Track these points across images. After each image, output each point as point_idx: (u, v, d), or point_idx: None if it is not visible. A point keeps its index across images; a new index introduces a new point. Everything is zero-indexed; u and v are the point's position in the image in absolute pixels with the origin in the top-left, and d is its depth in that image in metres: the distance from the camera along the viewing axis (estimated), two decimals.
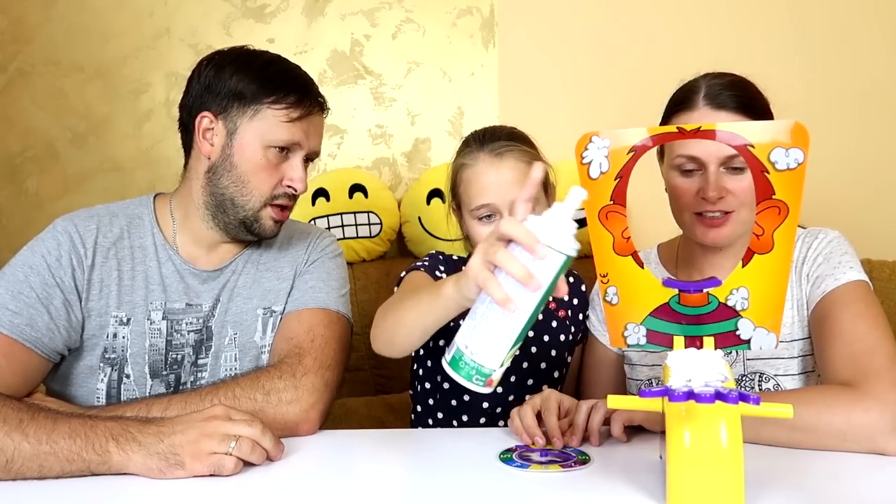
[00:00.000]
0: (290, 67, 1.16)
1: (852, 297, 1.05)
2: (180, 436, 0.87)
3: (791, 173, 0.74)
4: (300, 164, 1.14)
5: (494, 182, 1.18)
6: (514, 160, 1.20)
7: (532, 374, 1.26)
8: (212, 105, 1.12)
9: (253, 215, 1.13)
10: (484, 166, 1.20)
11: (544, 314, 1.27)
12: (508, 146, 1.21)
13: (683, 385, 0.74)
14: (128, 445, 0.87)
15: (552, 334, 1.28)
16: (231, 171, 1.12)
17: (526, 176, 1.07)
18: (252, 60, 1.14)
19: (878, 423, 0.89)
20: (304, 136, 1.13)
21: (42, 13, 1.83)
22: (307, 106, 1.13)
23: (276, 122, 1.11)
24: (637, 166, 0.79)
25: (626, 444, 0.98)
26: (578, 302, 1.32)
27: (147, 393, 1.12)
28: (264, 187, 1.12)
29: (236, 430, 0.88)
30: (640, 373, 1.23)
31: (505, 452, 0.94)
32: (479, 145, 1.22)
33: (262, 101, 1.10)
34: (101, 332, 1.10)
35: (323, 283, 1.19)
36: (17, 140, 1.84)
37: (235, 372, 1.15)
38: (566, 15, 1.84)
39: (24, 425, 0.88)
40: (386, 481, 0.89)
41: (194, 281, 1.16)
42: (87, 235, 1.11)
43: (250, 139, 1.11)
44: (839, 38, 1.83)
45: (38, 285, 1.06)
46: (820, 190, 1.37)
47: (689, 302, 0.81)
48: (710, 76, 1.11)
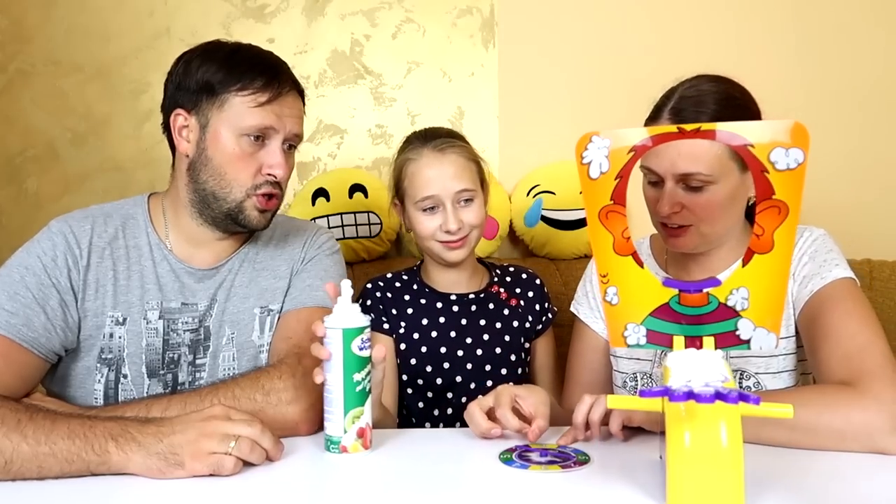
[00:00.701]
0: (256, 53, 1.14)
1: (840, 295, 1.05)
2: (179, 436, 0.87)
3: (791, 173, 0.74)
4: (278, 150, 1.12)
5: (438, 175, 1.29)
6: (456, 155, 1.31)
7: (489, 360, 1.34)
8: (184, 102, 1.11)
9: (237, 207, 1.12)
10: (428, 160, 1.30)
11: (495, 304, 1.38)
12: (450, 142, 1.32)
13: (683, 385, 0.74)
14: (127, 446, 0.86)
15: (504, 320, 1.37)
16: (208, 165, 1.11)
17: (465, 170, 1.30)
18: (218, 50, 1.13)
19: (877, 422, 0.89)
20: (277, 119, 1.10)
21: (42, 13, 1.83)
22: (275, 88, 1.10)
23: (245, 109, 1.08)
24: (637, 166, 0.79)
25: (626, 444, 0.98)
26: (534, 294, 1.41)
27: (145, 393, 1.11)
28: (243, 177, 1.11)
29: (236, 429, 0.88)
30: (625, 366, 1.24)
31: (505, 452, 0.95)
32: (422, 142, 1.33)
33: (229, 90, 1.08)
34: (98, 333, 1.10)
35: (321, 280, 1.18)
36: (17, 140, 1.84)
37: (234, 371, 1.15)
38: (566, 15, 1.84)
39: (23, 426, 0.88)
40: (385, 482, 0.89)
41: (190, 280, 1.15)
42: (81, 236, 1.11)
43: (222, 130, 1.09)
44: (839, 38, 1.83)
45: (34, 286, 1.06)
46: (820, 190, 1.38)
47: (689, 302, 0.81)
48: (685, 85, 1.11)
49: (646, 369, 1.21)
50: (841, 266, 1.08)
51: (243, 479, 0.87)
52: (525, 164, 1.83)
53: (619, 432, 0.97)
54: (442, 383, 1.33)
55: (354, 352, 0.93)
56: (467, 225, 1.30)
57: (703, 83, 1.10)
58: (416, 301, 1.37)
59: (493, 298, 1.38)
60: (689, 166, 1.03)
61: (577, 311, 1.32)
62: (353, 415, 0.93)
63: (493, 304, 1.38)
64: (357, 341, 0.93)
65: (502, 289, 1.40)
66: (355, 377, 0.93)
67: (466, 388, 1.33)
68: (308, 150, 1.85)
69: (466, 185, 1.30)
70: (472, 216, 1.31)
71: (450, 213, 1.29)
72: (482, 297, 1.38)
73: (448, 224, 1.28)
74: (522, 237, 1.81)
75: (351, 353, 0.93)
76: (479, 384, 1.33)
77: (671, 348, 0.81)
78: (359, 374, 0.93)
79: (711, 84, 1.10)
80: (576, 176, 0.82)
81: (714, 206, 1.06)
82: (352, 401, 0.93)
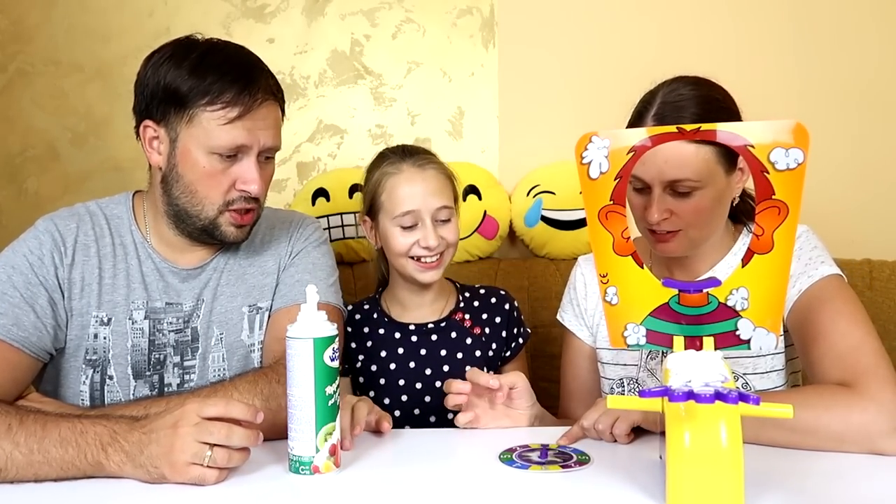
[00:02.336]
0: (226, 58, 1.06)
1: (829, 294, 1.05)
2: (155, 446, 0.84)
3: (791, 173, 0.74)
4: (252, 165, 1.06)
5: (420, 190, 1.26)
6: (435, 171, 1.29)
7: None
8: (153, 111, 1.06)
9: (210, 223, 1.08)
10: (409, 175, 1.27)
11: (458, 332, 1.33)
12: (428, 159, 1.31)
13: (683, 385, 0.74)
14: (116, 456, 0.85)
15: (466, 350, 1.32)
16: (179, 182, 1.07)
17: (444, 187, 1.29)
18: (187, 54, 1.05)
19: (876, 423, 0.89)
20: (249, 134, 1.04)
21: (42, 13, 1.83)
22: (246, 102, 1.02)
23: (215, 127, 1.02)
24: None
25: (626, 444, 0.98)
26: (501, 320, 1.36)
27: (131, 394, 1.09)
28: (214, 195, 1.06)
29: (206, 437, 0.83)
30: (611, 372, 1.23)
31: (505, 453, 0.94)
32: (400, 158, 1.30)
33: (197, 104, 1.02)
34: (83, 333, 1.09)
35: (310, 275, 1.16)
36: (17, 140, 1.84)
37: (224, 373, 1.13)
38: (566, 15, 1.84)
39: (14, 433, 0.87)
40: (385, 482, 0.89)
41: (174, 279, 1.13)
42: (67, 234, 1.10)
43: (192, 147, 1.04)
44: (839, 38, 1.83)
45: (21, 285, 1.04)
46: (820, 190, 1.37)
47: (688, 302, 0.81)
48: (666, 88, 1.10)
49: (632, 374, 1.21)
50: (826, 263, 1.08)
51: (243, 479, 0.87)
52: (525, 164, 1.83)
53: (625, 437, 0.97)
54: (401, 415, 1.28)
55: (326, 363, 0.86)
56: (444, 242, 1.27)
57: (682, 87, 1.09)
58: (374, 332, 1.33)
59: (456, 327, 1.33)
60: (677, 173, 1.03)
61: (562, 319, 1.31)
62: (325, 431, 0.86)
63: (455, 332, 1.33)
64: (328, 351, 0.87)
65: (467, 315, 1.35)
66: (328, 390, 0.86)
67: (425, 420, 1.30)
68: (308, 150, 1.85)
69: (446, 203, 1.28)
70: (449, 234, 1.28)
71: (429, 229, 1.25)
72: (443, 325, 1.33)
73: (427, 240, 1.24)
74: (522, 237, 1.81)
75: (323, 364, 0.86)
76: (439, 416, 1.28)
77: (671, 348, 0.81)
78: (331, 386, 0.87)
79: (691, 87, 1.09)
80: (576, 176, 0.82)
81: (702, 211, 1.06)
82: (324, 416, 0.86)
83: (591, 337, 1.27)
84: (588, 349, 1.28)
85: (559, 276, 1.70)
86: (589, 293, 1.27)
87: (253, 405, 0.89)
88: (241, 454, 0.86)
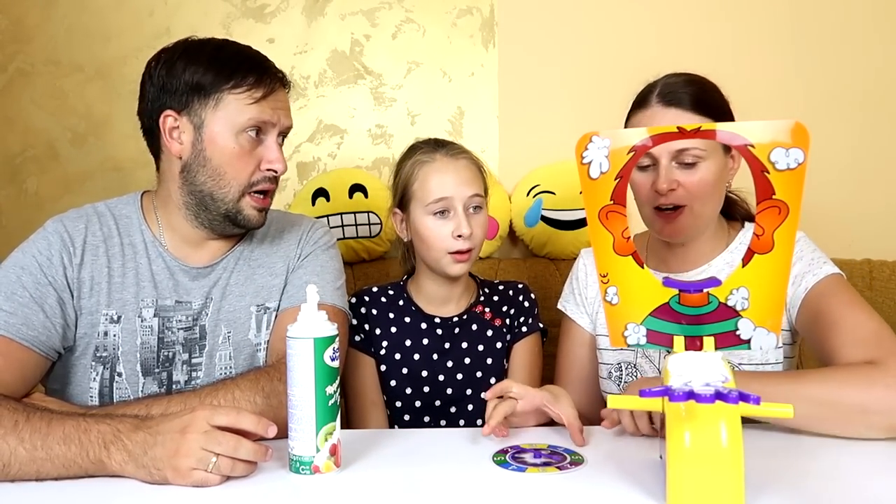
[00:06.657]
0: (240, 49, 1.14)
1: (837, 288, 1.08)
2: (160, 448, 0.84)
3: (791, 173, 0.74)
4: (275, 145, 1.12)
5: (453, 179, 1.28)
6: (467, 161, 1.32)
7: (470, 384, 1.32)
8: (172, 103, 1.10)
9: (234, 207, 1.11)
10: (443, 164, 1.29)
11: (479, 324, 1.36)
12: (460, 149, 1.33)
13: (683, 385, 0.74)
14: (119, 455, 0.85)
15: (487, 342, 1.35)
16: (206, 166, 1.10)
17: (476, 177, 1.31)
18: (201, 50, 1.11)
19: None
20: (273, 113, 1.11)
21: (42, 13, 1.83)
22: (268, 83, 1.10)
23: (242, 106, 1.08)
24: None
25: (625, 444, 0.98)
26: (521, 308, 1.38)
27: (140, 392, 1.11)
28: (242, 176, 1.11)
29: (213, 446, 0.84)
30: (609, 357, 1.26)
31: (498, 454, 0.94)
32: (433, 148, 1.32)
33: (222, 89, 1.08)
34: (93, 331, 1.10)
35: (318, 277, 1.18)
36: (17, 140, 1.84)
37: (231, 370, 1.14)
38: (566, 15, 1.84)
39: (20, 429, 0.87)
40: (386, 482, 0.89)
41: (184, 278, 1.15)
42: (75, 234, 1.12)
43: (220, 129, 1.09)
44: (839, 38, 1.83)
45: (30, 285, 1.06)
46: (820, 190, 1.38)
47: (689, 302, 0.81)
48: (667, 76, 1.16)
49: (629, 359, 1.23)
50: (829, 264, 1.12)
51: (243, 479, 0.86)
52: (525, 164, 1.83)
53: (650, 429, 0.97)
54: (421, 406, 1.31)
55: (326, 362, 0.87)
56: (477, 232, 1.29)
57: (682, 75, 1.16)
58: (400, 319, 1.35)
59: (477, 319, 1.36)
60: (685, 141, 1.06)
61: (563, 308, 1.33)
62: (325, 431, 0.87)
63: (476, 324, 1.36)
64: (329, 351, 0.87)
65: (487, 308, 1.37)
66: (328, 390, 0.87)
67: (446, 411, 1.32)
68: (308, 150, 1.85)
69: (478, 191, 1.30)
70: (480, 224, 1.30)
71: (462, 218, 1.27)
72: (465, 318, 1.35)
73: (461, 228, 1.26)
74: (522, 237, 1.81)
75: (323, 363, 0.87)
76: (459, 408, 1.32)
77: (671, 348, 0.81)
78: (331, 386, 0.87)
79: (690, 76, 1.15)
80: (576, 176, 0.82)
81: (706, 184, 1.11)
82: (324, 416, 0.87)
83: (591, 324, 1.30)
84: (587, 337, 1.30)
85: (559, 276, 1.70)
86: (590, 282, 1.31)
87: (265, 419, 0.89)
88: (247, 465, 0.87)
